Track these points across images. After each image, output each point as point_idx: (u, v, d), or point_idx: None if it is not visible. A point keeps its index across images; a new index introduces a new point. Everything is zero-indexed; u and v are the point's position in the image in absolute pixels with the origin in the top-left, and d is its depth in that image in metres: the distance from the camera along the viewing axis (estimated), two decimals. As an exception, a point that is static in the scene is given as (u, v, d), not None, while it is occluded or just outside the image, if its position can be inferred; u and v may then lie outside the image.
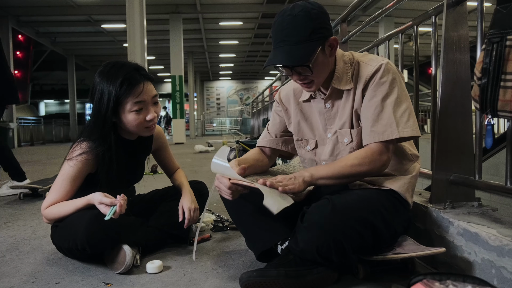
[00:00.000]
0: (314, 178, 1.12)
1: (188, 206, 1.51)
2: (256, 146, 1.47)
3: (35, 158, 6.80)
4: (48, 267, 1.35)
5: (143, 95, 1.31)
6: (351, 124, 1.22)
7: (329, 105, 1.26)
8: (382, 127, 1.13)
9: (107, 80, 1.30)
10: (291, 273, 1.07)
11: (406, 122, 1.13)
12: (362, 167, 1.13)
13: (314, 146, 1.33)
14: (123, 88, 1.27)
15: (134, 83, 1.29)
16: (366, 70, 1.18)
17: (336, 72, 1.21)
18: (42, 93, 23.00)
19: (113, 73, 1.30)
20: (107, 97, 1.29)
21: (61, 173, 1.36)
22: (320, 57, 1.13)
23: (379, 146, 1.14)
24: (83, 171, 1.36)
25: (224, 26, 12.98)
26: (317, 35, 1.10)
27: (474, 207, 1.29)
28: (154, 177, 3.37)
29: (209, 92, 23.85)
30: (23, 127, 12.64)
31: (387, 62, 1.17)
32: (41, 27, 12.58)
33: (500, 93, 0.95)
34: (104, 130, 1.33)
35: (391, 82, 1.14)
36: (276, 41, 1.13)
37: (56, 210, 1.34)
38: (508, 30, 0.94)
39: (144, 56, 6.71)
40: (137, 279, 1.23)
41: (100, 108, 1.31)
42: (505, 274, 0.97)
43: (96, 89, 1.32)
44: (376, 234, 1.09)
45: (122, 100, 1.29)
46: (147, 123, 1.35)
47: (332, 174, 1.13)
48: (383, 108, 1.14)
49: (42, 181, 3.00)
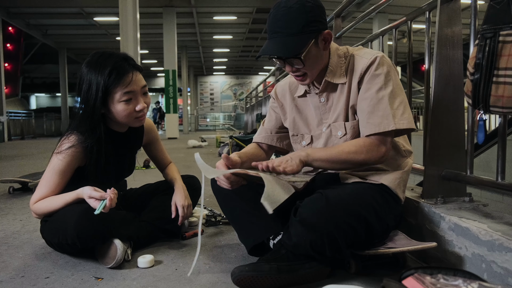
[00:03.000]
0: (310, 158, 1.12)
1: (181, 203, 1.50)
2: (252, 142, 1.48)
3: (26, 152, 6.72)
4: (37, 262, 1.34)
5: (132, 85, 1.28)
6: (345, 117, 1.22)
7: (324, 99, 1.26)
8: (378, 118, 1.13)
9: (95, 70, 1.26)
10: (283, 267, 1.07)
11: (402, 114, 1.13)
12: (359, 155, 1.12)
13: (310, 141, 1.33)
14: (112, 77, 1.24)
15: (122, 72, 1.26)
16: (361, 62, 1.17)
17: (330, 65, 1.21)
18: (33, 87, 22.69)
19: (101, 62, 1.27)
20: (96, 87, 1.25)
21: (49, 167, 1.34)
22: (313, 50, 1.13)
23: (377, 138, 1.14)
24: (72, 164, 1.34)
25: (218, 21, 12.91)
26: (310, 28, 1.10)
27: (465, 202, 1.30)
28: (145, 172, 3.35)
29: (203, 87, 23.75)
30: (14, 120, 12.47)
31: (382, 55, 1.17)
32: (32, 19, 12.38)
33: (493, 88, 0.95)
34: (93, 121, 1.30)
35: (386, 75, 1.14)
36: (270, 32, 1.14)
37: (45, 204, 1.32)
38: (501, 25, 0.94)
39: (137, 50, 6.65)
40: (128, 274, 1.23)
41: (88, 99, 1.28)
42: (495, 268, 0.98)
43: (84, 80, 1.28)
44: (368, 228, 1.09)
45: (111, 90, 1.26)
46: (137, 113, 1.33)
47: (328, 157, 1.13)
48: (379, 100, 1.13)
49: (32, 175, 2.96)
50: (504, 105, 0.94)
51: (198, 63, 20.61)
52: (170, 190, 1.58)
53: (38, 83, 22.74)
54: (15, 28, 13.40)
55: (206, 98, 23.74)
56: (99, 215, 1.19)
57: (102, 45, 15.46)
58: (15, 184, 2.76)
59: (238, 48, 17.10)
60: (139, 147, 1.61)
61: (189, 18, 12.27)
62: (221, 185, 1.18)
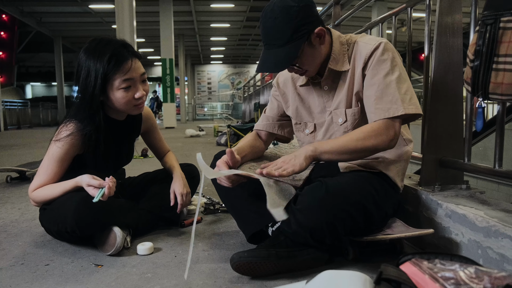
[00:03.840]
0: (318, 152, 1.10)
1: (180, 191, 1.50)
2: (253, 129, 1.47)
3: (23, 141, 6.69)
4: (37, 250, 1.34)
5: (131, 72, 1.27)
6: (347, 104, 1.21)
7: (327, 87, 1.25)
8: (387, 103, 1.11)
9: (94, 56, 1.25)
10: (282, 253, 1.08)
11: (410, 100, 1.11)
12: (368, 140, 1.09)
13: (313, 129, 1.33)
14: (111, 64, 1.23)
15: (122, 59, 1.25)
16: (365, 48, 1.16)
17: (333, 53, 1.20)
18: (29, 76, 22.48)
19: (99, 49, 1.25)
20: (94, 74, 1.24)
21: (47, 155, 1.34)
22: (307, 51, 1.13)
23: (385, 121, 1.11)
24: (70, 152, 1.33)
25: (215, 8, 12.75)
26: (299, 33, 1.10)
27: (462, 189, 1.31)
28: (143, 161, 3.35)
29: (200, 76, 23.59)
30: (9, 110, 12.38)
31: (386, 41, 1.16)
32: (25, 6, 12.17)
33: (492, 75, 0.95)
34: (92, 109, 1.29)
35: (392, 60, 1.13)
36: (263, 42, 1.15)
37: (43, 192, 1.32)
38: (502, 11, 0.93)
39: (134, 38, 6.57)
40: (128, 261, 1.23)
41: (87, 86, 1.26)
42: (491, 254, 0.99)
43: (82, 67, 1.27)
44: (367, 216, 1.10)
45: (110, 77, 1.25)
46: (136, 101, 1.32)
47: (337, 148, 1.10)
48: (387, 85, 1.12)
49: (29, 164, 2.96)
50: (503, 92, 0.94)
51: (195, 51, 20.43)
52: (169, 178, 1.58)
53: (34, 72, 22.52)
54: (9, 16, 13.20)
55: (204, 87, 23.61)
56: (98, 203, 1.19)
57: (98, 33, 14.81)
58: (13, 173, 2.76)
59: (235, 36, 16.94)
60: (138, 135, 1.61)
61: (186, 5, 12.10)
62: (221, 183, 1.18)
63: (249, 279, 1.08)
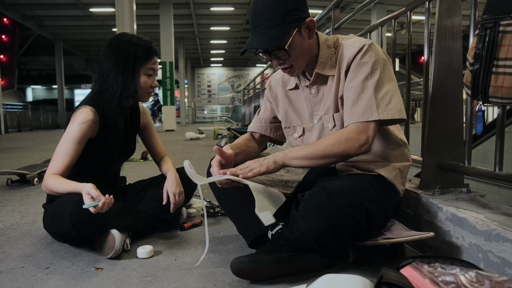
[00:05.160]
0: (287, 157, 1.12)
1: (172, 190, 1.52)
2: (247, 131, 1.48)
3: (23, 144, 6.69)
4: (37, 252, 1.34)
5: (155, 65, 1.52)
6: (335, 109, 1.21)
7: (314, 91, 1.25)
8: (361, 108, 1.11)
9: (133, 45, 1.45)
10: (282, 258, 1.07)
11: (387, 105, 1.10)
12: (337, 146, 1.09)
13: (302, 133, 1.33)
14: (148, 53, 1.47)
15: (153, 52, 1.50)
16: (349, 51, 1.15)
17: (320, 57, 1.20)
18: (29, 79, 22.51)
19: (136, 41, 1.47)
20: (132, 66, 1.44)
21: (64, 137, 1.39)
22: (296, 39, 1.12)
23: (357, 125, 1.10)
24: (87, 133, 1.40)
25: (215, 12, 12.78)
26: (291, 17, 1.09)
27: (462, 193, 1.31)
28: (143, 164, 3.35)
29: (200, 79, 23.62)
30: (10, 113, 12.40)
31: (371, 43, 1.14)
32: (26, 9, 12.22)
33: (492, 79, 0.95)
34: (128, 87, 1.44)
35: (373, 63, 1.12)
36: (252, 26, 1.14)
37: (54, 182, 1.33)
38: (501, 15, 0.93)
39: (134, 41, 6.57)
40: (128, 264, 1.23)
41: (127, 66, 1.44)
42: (491, 258, 0.99)
43: (119, 57, 1.43)
44: (369, 218, 1.10)
45: (143, 62, 1.47)
46: (151, 89, 1.52)
47: (306, 154, 1.11)
48: (364, 89, 1.11)
49: (30, 167, 2.96)
50: (503, 96, 0.95)
51: (195, 54, 20.46)
52: (165, 181, 1.59)
53: (34, 75, 22.54)
54: (10, 19, 13.24)
55: (204, 90, 23.62)
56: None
57: (98, 37, 15.31)
58: (13, 176, 2.76)
59: (235, 39, 16.97)
60: (138, 129, 1.68)
61: (186, 9, 12.14)
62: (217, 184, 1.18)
63: (249, 283, 1.08)
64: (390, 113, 1.10)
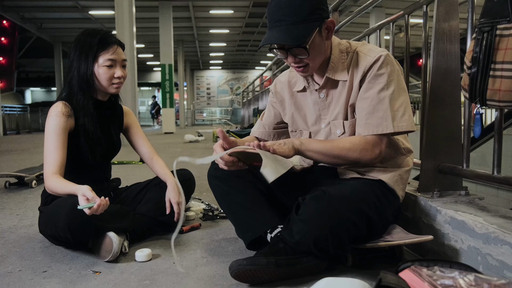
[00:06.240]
0: (303, 147, 1.12)
1: (175, 199, 1.52)
2: (250, 135, 1.48)
3: (22, 147, 6.68)
4: (34, 256, 1.34)
5: (114, 55, 1.49)
6: (344, 116, 1.21)
7: (324, 95, 1.25)
8: (377, 120, 1.12)
9: (87, 40, 1.47)
10: (281, 261, 1.07)
11: (401, 117, 1.12)
12: (352, 152, 1.12)
13: (308, 137, 1.32)
14: (100, 45, 1.47)
15: (108, 42, 1.49)
16: (365, 61, 1.16)
17: (331, 61, 1.20)
18: (28, 81, 22.48)
19: (91, 35, 1.49)
20: (87, 52, 1.46)
21: (45, 134, 1.42)
22: (317, 39, 1.11)
23: (373, 138, 1.13)
24: (63, 124, 1.42)
25: (214, 15, 12.81)
26: (314, 16, 1.09)
27: (461, 195, 1.31)
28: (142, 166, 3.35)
29: (199, 82, 23.63)
30: (9, 115, 12.37)
31: (387, 53, 1.15)
32: (26, 12, 12.22)
33: (489, 82, 0.95)
34: (84, 81, 1.46)
35: (389, 75, 1.13)
36: (272, 20, 1.10)
37: (53, 183, 1.33)
38: (498, 19, 0.94)
39: (133, 44, 6.59)
40: (126, 267, 1.23)
41: (80, 63, 1.46)
42: (490, 261, 0.99)
43: (77, 48, 1.48)
44: (370, 223, 1.10)
45: (98, 54, 1.47)
46: (115, 79, 1.50)
47: (321, 149, 1.13)
48: (380, 100, 1.12)
49: (28, 170, 2.95)
50: (500, 99, 0.95)
51: (194, 57, 20.48)
52: (162, 184, 1.60)
53: (33, 77, 22.52)
54: (10, 22, 13.23)
55: (203, 92, 23.62)
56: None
57: None
58: (11, 178, 2.75)
59: (234, 42, 17.00)
60: (121, 128, 1.67)
61: (186, 12, 12.16)
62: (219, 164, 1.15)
63: (248, 286, 1.07)
64: (404, 125, 1.12)
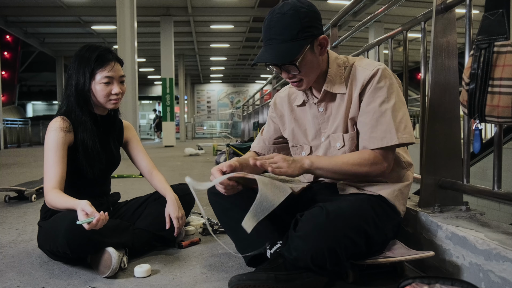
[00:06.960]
0: (313, 166, 1.13)
1: (175, 214, 1.52)
2: (250, 150, 1.48)
3: (22, 160, 6.68)
4: (33, 271, 1.32)
5: (112, 72, 1.49)
6: (344, 129, 1.22)
7: (322, 109, 1.26)
8: (381, 133, 1.13)
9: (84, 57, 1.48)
10: (281, 277, 1.06)
11: (404, 128, 1.13)
12: (363, 168, 1.14)
13: (309, 152, 1.33)
14: (97, 62, 1.47)
15: (106, 60, 1.49)
16: (363, 74, 1.17)
17: (329, 75, 1.22)
18: (30, 94, 22.64)
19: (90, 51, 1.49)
20: (84, 69, 1.47)
21: (45, 150, 1.42)
22: (308, 56, 1.14)
23: (380, 152, 1.15)
24: (62, 139, 1.42)
25: (215, 29, 12.99)
26: (304, 34, 1.11)
27: (462, 211, 1.30)
28: (142, 180, 3.33)
29: (200, 95, 23.78)
30: (10, 128, 12.41)
31: (384, 67, 1.17)
32: (29, 27, 12.40)
33: (488, 98, 0.96)
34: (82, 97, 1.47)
35: (389, 88, 1.15)
36: (265, 38, 1.15)
37: (53, 197, 1.33)
38: (495, 36, 0.95)
39: (135, 58, 6.66)
40: (125, 283, 1.22)
41: (79, 79, 1.47)
42: (492, 278, 0.98)
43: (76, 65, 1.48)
44: (368, 240, 1.09)
45: (95, 72, 1.47)
46: (112, 95, 1.50)
47: (332, 167, 1.14)
48: (382, 113, 1.14)
49: (28, 184, 2.94)
50: (499, 115, 0.96)
51: (195, 71, 20.67)
52: (161, 199, 1.59)
53: (35, 91, 22.68)
54: (13, 37, 13.40)
55: (203, 106, 23.75)
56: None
57: None
58: (11, 192, 2.74)
59: (235, 56, 17.18)
60: (121, 142, 1.67)
61: (187, 26, 12.33)
62: (217, 188, 1.16)
63: (247, 302, 1.06)
64: (407, 136, 1.14)
